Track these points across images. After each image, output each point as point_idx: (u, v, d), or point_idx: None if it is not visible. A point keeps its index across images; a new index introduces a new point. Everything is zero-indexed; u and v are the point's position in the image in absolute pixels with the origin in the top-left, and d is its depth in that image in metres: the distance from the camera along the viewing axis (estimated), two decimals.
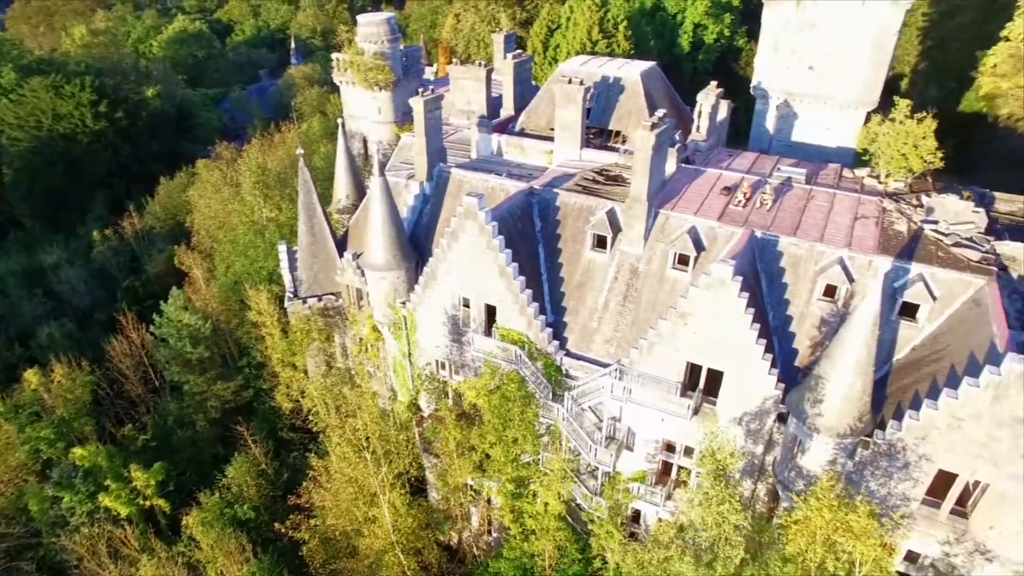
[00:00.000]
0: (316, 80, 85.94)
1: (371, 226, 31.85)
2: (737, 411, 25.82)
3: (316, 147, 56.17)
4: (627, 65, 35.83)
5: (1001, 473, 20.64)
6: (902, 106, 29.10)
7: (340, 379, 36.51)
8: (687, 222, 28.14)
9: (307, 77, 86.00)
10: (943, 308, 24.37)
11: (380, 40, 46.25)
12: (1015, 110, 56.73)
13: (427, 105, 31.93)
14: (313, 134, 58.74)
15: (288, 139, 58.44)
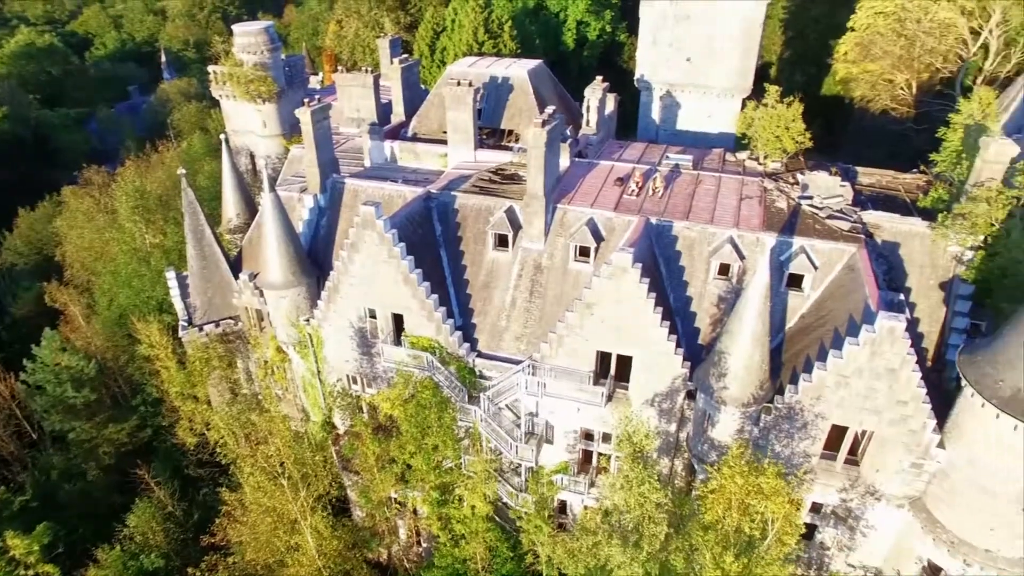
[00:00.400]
0: (193, 95, 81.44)
1: (266, 244, 30.56)
2: (649, 393, 26.67)
3: (199, 166, 53.30)
4: (515, 64, 36.24)
5: (882, 420, 22.44)
6: (772, 92, 31.01)
7: (247, 406, 34.85)
8: (585, 214, 28.78)
9: (183, 92, 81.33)
10: (824, 276, 26.20)
11: (259, 50, 44.42)
12: (866, 92, 61.51)
13: (315, 115, 30.98)
14: (195, 152, 55.67)
15: (168, 159, 55.05)
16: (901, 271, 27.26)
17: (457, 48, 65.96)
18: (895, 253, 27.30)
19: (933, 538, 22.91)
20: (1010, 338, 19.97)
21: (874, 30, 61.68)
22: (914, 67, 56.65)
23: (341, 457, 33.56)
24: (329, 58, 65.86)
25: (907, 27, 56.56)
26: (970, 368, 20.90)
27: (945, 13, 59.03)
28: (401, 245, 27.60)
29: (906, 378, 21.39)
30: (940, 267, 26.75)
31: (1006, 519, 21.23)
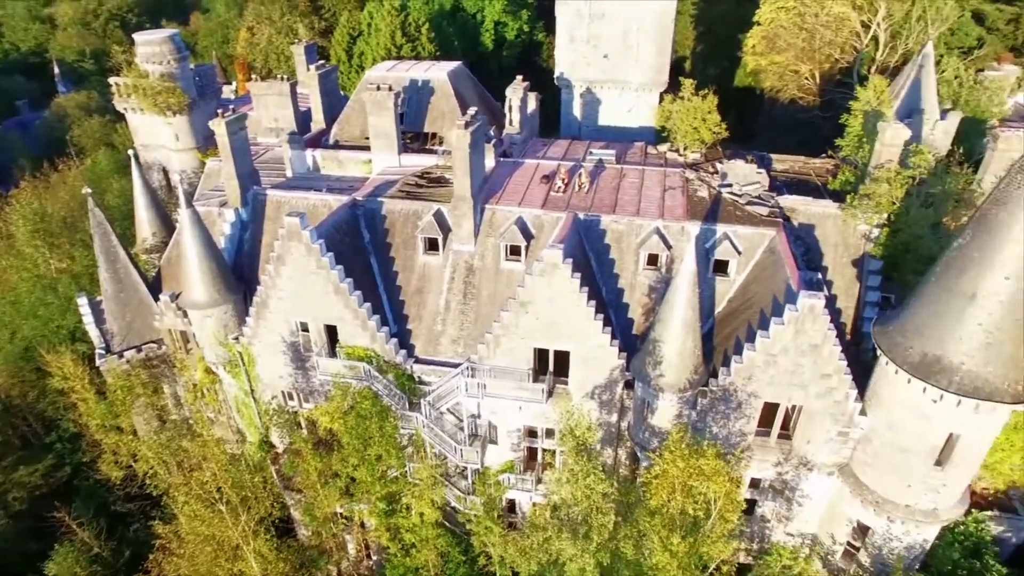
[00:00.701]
0: (94, 109, 76.87)
1: (187, 262, 29.28)
2: (588, 386, 27.02)
3: (107, 184, 50.42)
4: (434, 67, 36.03)
5: (809, 394, 23.53)
6: (687, 86, 32.02)
7: (177, 432, 33.24)
8: (513, 214, 28.90)
9: (82, 106, 76.50)
10: (747, 260, 27.22)
11: (165, 60, 42.46)
12: (775, 83, 64.41)
13: (230, 126, 29.88)
14: (101, 170, 52.51)
15: (70, 178, 51.62)
16: (817, 251, 28.63)
17: (375, 52, 65.09)
18: (811, 234, 28.64)
19: (861, 500, 24.19)
20: (915, 308, 21.27)
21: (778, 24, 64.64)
22: (816, 58, 59.66)
23: (282, 476, 32.53)
24: (242, 67, 63.67)
25: (807, 21, 59.53)
26: (883, 338, 22.16)
27: (839, 8, 62.45)
28: (329, 255, 26.97)
29: (828, 352, 22.48)
30: (852, 245, 28.24)
31: (920, 474, 22.63)
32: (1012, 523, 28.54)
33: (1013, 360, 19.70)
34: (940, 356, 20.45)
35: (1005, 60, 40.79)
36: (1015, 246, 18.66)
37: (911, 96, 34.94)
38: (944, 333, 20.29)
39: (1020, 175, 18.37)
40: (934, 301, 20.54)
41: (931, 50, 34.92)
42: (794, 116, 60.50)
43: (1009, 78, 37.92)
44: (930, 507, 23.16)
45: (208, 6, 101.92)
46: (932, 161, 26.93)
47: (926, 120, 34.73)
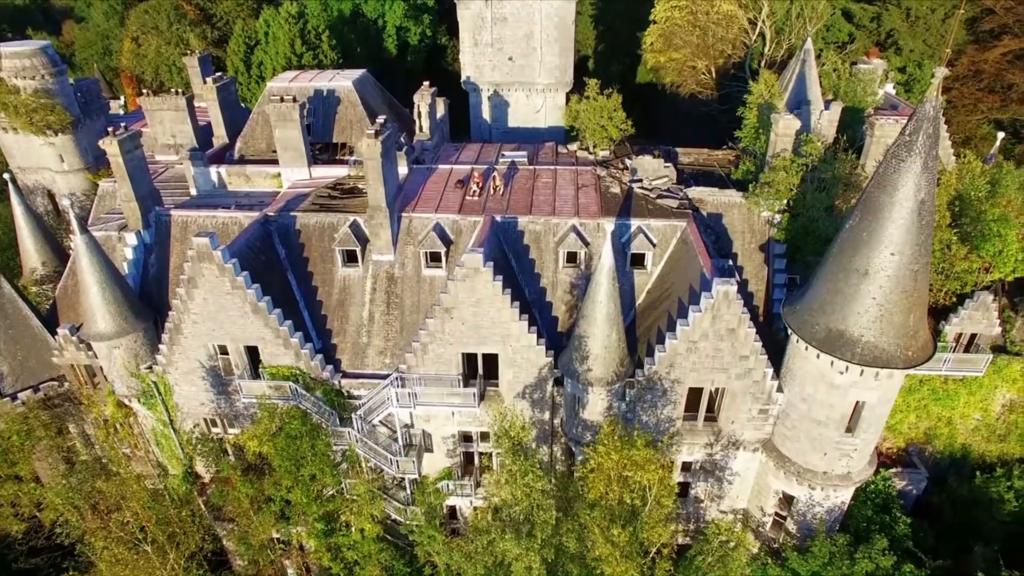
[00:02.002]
0: None
1: (87, 291, 27.39)
2: (519, 386, 27.29)
3: None
4: (338, 76, 35.31)
5: (730, 376, 24.75)
6: (592, 85, 32.87)
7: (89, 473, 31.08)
8: (430, 220, 28.80)
9: None
10: (662, 252, 28.27)
11: (38, 74, 39.28)
12: (674, 79, 67.05)
13: (123, 145, 28.21)
14: None
15: None
16: (727, 238, 30.09)
17: (275, 62, 62.99)
18: (719, 223, 30.07)
19: (784, 472, 25.66)
20: (818, 287, 22.78)
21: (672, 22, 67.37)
22: (710, 54, 62.56)
23: (211, 507, 31.06)
24: (129, 80, 60.12)
25: (699, 19, 62.35)
26: (792, 317, 23.59)
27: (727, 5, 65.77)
28: (245, 274, 25.98)
29: (744, 335, 23.71)
30: (757, 231, 29.86)
31: (833, 442, 24.27)
32: (912, 477, 31.08)
33: (903, 328, 21.44)
34: (843, 330, 21.98)
35: (873, 55, 44.07)
36: (897, 224, 20.31)
37: (798, 88, 37.25)
38: (844, 308, 21.83)
39: (894, 160, 20.00)
40: (833, 279, 22.06)
41: (811, 46, 37.36)
42: (695, 109, 63.19)
43: (878, 70, 41.14)
44: (844, 471, 24.86)
45: (82, 14, 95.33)
46: (821, 148, 28.77)
47: (813, 110, 37.10)
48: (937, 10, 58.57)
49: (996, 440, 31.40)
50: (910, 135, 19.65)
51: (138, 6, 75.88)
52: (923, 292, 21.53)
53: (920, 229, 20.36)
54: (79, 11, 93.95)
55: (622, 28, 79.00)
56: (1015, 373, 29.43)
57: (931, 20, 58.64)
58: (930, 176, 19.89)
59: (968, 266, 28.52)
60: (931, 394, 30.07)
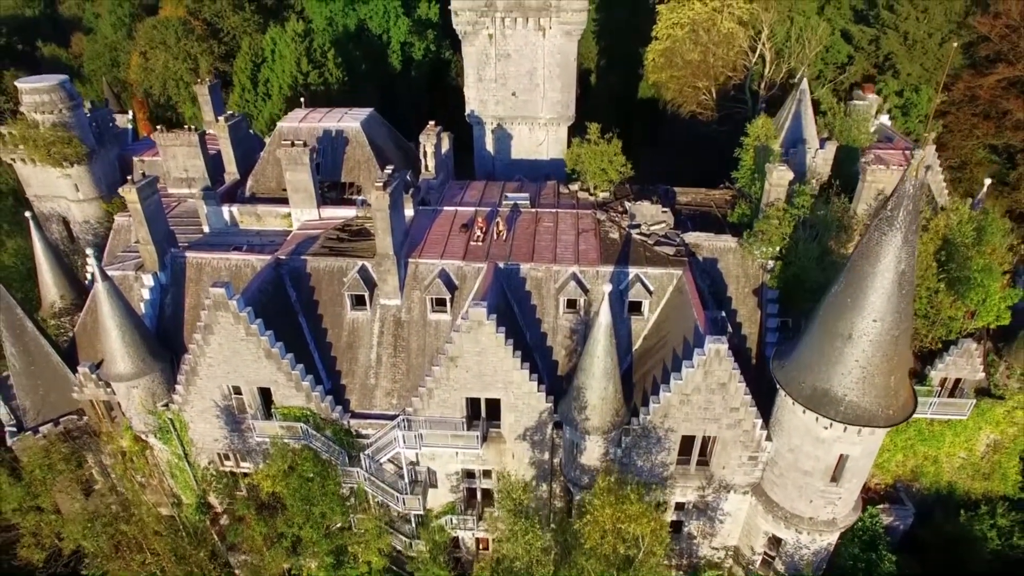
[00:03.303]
0: None
1: (107, 335, 28.62)
2: (520, 429, 28.49)
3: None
4: (347, 115, 36.34)
5: (721, 426, 25.93)
6: (593, 129, 33.98)
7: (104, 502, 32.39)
8: (436, 266, 29.93)
9: None
10: (658, 300, 29.39)
11: (56, 108, 40.41)
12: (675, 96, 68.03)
13: (142, 192, 29.34)
14: None
15: None
16: (722, 282, 31.22)
17: (281, 80, 64.05)
18: (715, 267, 31.19)
19: (772, 516, 26.87)
20: (804, 345, 23.92)
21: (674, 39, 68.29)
22: (711, 74, 63.47)
23: (223, 537, 32.36)
24: (140, 104, 61.03)
25: (701, 36, 63.25)
26: (780, 372, 24.74)
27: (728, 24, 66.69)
28: (259, 321, 27.17)
29: (735, 389, 24.86)
30: (752, 276, 30.97)
31: (819, 490, 25.48)
32: (899, 512, 32.28)
33: (884, 389, 22.58)
34: (828, 389, 23.13)
35: (868, 90, 45.06)
36: (878, 293, 21.42)
37: (793, 127, 38.23)
38: (829, 369, 22.97)
39: (877, 233, 21.08)
40: (819, 341, 23.18)
41: (807, 86, 38.29)
42: (694, 130, 64.12)
43: (872, 107, 42.16)
44: (830, 518, 26.07)
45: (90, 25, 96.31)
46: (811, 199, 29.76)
47: (808, 149, 38.09)
48: (934, 35, 59.39)
49: (980, 478, 32.56)
50: (891, 210, 20.71)
51: (146, 21, 76.82)
52: (904, 354, 22.66)
53: (901, 298, 21.45)
54: (87, 22, 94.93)
55: (624, 43, 79.77)
56: (998, 416, 30.56)
57: (928, 44, 59.47)
58: (910, 249, 20.97)
59: (954, 313, 29.60)
60: (917, 435, 31.21)
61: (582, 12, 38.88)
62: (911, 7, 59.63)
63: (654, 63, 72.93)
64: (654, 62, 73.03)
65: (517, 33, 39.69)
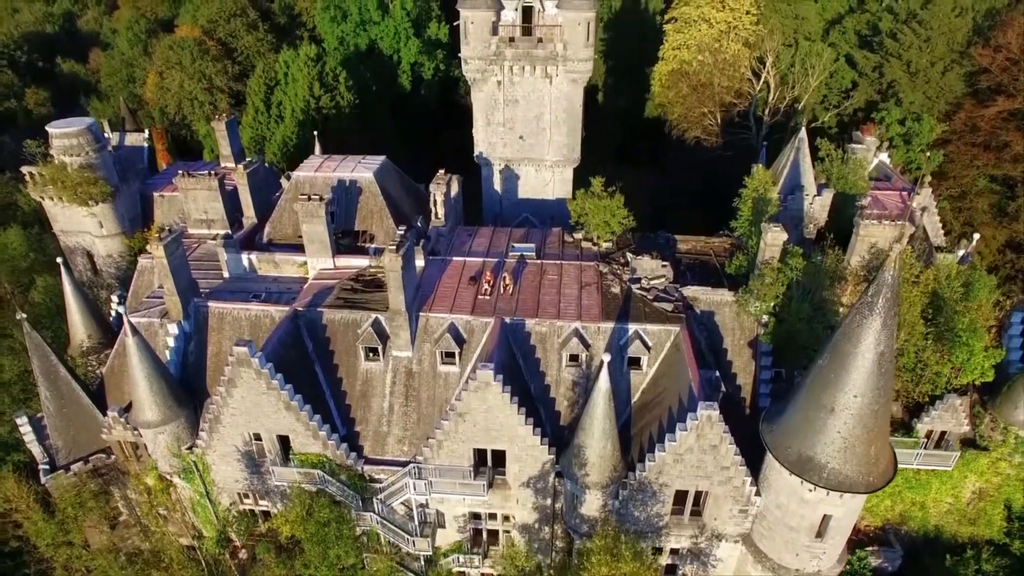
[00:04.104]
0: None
1: (136, 385, 30.42)
2: (524, 477, 30.15)
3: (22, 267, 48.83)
4: (360, 165, 37.80)
5: (713, 482, 27.46)
6: (597, 184, 35.40)
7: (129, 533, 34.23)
8: (445, 320, 31.52)
9: None
10: (656, 355, 30.88)
11: (84, 151, 42.18)
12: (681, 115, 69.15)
13: (168, 249, 31.02)
14: (14, 251, 50.67)
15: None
16: (718, 334, 32.70)
17: (294, 104, 65.58)
18: (712, 320, 32.67)
19: (761, 565, 28.43)
20: (791, 412, 25.40)
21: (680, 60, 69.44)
22: (716, 99, 64.60)
23: (242, 571, 34.22)
24: (159, 135, 62.77)
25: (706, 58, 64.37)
26: (769, 435, 26.24)
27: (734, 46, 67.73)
28: (279, 376, 28.86)
29: (725, 450, 26.37)
30: (747, 328, 32.41)
31: (804, 545, 27.02)
32: (887, 555, 33.77)
33: (865, 457, 24.06)
34: (812, 456, 24.61)
35: (867, 131, 46.16)
36: (859, 372, 22.85)
37: (792, 175, 39.49)
38: (813, 438, 24.45)
39: (858, 316, 22.50)
40: (804, 410, 24.67)
41: (804, 134, 39.50)
42: (699, 154, 65.22)
43: (870, 149, 43.33)
44: (815, 570, 27.60)
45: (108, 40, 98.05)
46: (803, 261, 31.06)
47: (806, 195, 39.40)
48: (937, 64, 60.15)
49: (967, 523, 33.94)
50: (872, 297, 22.12)
51: (163, 41, 78.42)
52: (884, 426, 24.12)
53: (880, 376, 22.89)
54: (105, 37, 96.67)
55: (631, 63, 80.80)
56: (982, 466, 31.93)
57: (931, 73, 60.22)
58: (889, 332, 22.39)
59: (940, 369, 30.94)
60: (905, 483, 32.63)
61: (588, 62, 40.16)
62: (914, 36, 60.36)
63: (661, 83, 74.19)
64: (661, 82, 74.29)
65: (525, 80, 41.04)
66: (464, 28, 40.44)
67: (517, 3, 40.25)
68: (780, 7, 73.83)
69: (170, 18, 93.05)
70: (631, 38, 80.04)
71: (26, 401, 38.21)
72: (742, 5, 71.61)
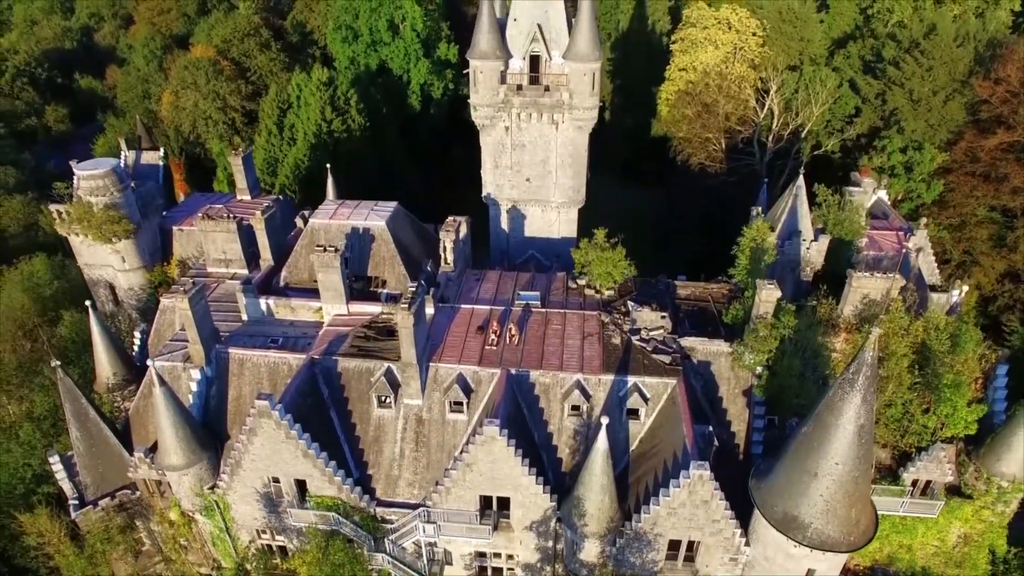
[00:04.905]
0: (13, 187, 71.06)
1: (162, 432, 32.21)
2: (527, 521, 31.88)
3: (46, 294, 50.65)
4: (373, 212, 39.35)
5: (704, 533, 29.10)
6: (600, 235, 36.93)
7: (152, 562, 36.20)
8: (454, 371, 33.21)
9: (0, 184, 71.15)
10: (654, 407, 32.45)
11: (109, 192, 44.00)
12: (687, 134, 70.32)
13: (192, 301, 32.78)
14: (40, 279, 52.63)
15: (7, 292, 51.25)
16: (714, 383, 34.25)
17: (306, 127, 67.03)
18: (708, 370, 34.21)
19: None
20: (778, 472, 26.97)
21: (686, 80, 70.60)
22: (720, 126, 65.76)
23: None
24: (177, 166, 64.57)
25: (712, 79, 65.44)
26: (757, 493, 27.83)
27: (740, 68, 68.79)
28: (297, 426, 30.65)
29: (716, 505, 27.99)
30: (742, 378, 33.91)
31: None
32: None
33: (846, 519, 25.64)
34: (796, 516, 26.19)
35: (865, 173, 47.31)
36: (841, 442, 24.38)
37: (790, 221, 40.79)
38: (798, 499, 26.02)
39: (840, 391, 24.01)
40: (789, 472, 26.23)
41: (802, 182, 40.78)
42: (703, 180, 66.34)
43: (868, 191, 44.55)
44: None
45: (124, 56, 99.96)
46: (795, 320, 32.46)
47: (803, 241, 40.72)
48: (939, 92, 60.97)
49: (953, 566, 35.38)
50: (852, 374, 23.64)
51: (178, 61, 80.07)
52: (864, 489, 25.67)
53: (860, 446, 24.42)
54: (121, 52, 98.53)
55: (638, 82, 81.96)
56: (967, 514, 33.35)
57: (932, 102, 61.05)
58: (868, 407, 23.94)
59: (926, 422, 32.35)
60: (892, 527, 34.08)
61: (593, 110, 41.51)
62: (916, 65, 61.23)
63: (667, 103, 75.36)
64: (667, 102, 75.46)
65: (532, 126, 42.46)
66: (473, 77, 41.87)
67: (525, 52, 41.63)
68: (786, 29, 74.83)
69: (185, 35, 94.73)
70: (638, 58, 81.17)
71: (56, 436, 40.13)
72: (748, 27, 72.71)
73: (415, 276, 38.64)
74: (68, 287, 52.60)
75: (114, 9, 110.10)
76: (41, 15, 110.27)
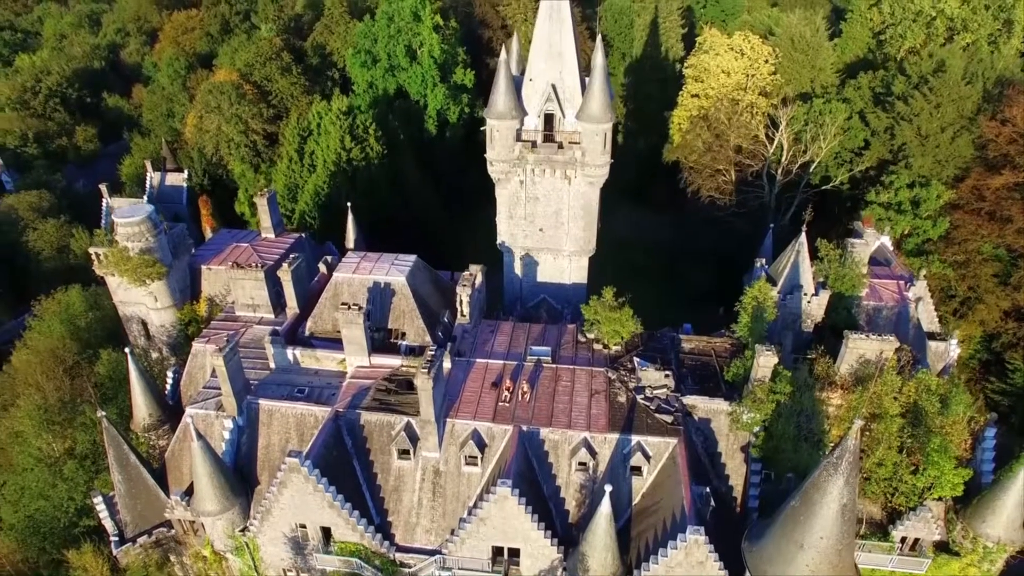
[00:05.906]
0: (47, 210, 73.04)
1: (198, 480, 34.79)
2: (535, 570, 34.17)
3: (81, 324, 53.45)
4: (393, 267, 41.42)
5: None
6: (608, 293, 38.88)
7: None
8: (469, 426, 35.48)
9: (35, 207, 72.52)
10: (656, 464, 34.55)
11: (144, 237, 46.49)
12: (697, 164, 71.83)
13: (227, 358, 35.22)
14: (75, 310, 55.27)
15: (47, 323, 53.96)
16: (713, 439, 36.28)
17: (326, 155, 69.04)
18: (708, 426, 36.24)
19: None
20: (768, 539, 29.03)
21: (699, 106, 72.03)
22: (730, 159, 67.21)
23: None
24: (205, 202, 67.10)
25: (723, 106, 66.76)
26: (749, 555, 29.93)
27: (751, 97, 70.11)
28: (324, 480, 33.12)
29: (711, 566, 30.09)
30: (740, 435, 35.90)
31: None
32: None
33: None
34: None
35: (867, 223, 48.78)
36: (825, 519, 26.39)
37: (791, 275, 42.50)
38: (785, 567, 28.07)
39: (825, 473, 25.99)
40: (778, 541, 28.30)
41: (804, 238, 42.44)
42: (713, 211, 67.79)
43: (869, 241, 46.07)
44: None
45: (149, 74, 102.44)
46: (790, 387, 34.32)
47: (804, 295, 42.45)
48: (947, 129, 61.93)
49: None
50: (837, 459, 25.63)
51: (203, 85, 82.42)
52: (848, 561, 27.66)
53: (843, 523, 26.44)
54: (147, 70, 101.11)
55: (650, 107, 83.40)
56: (954, 570, 35.17)
57: (940, 138, 62.01)
58: (851, 489, 25.96)
59: (915, 482, 34.17)
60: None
61: (604, 167, 43.34)
62: (924, 102, 62.21)
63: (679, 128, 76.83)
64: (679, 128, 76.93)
65: (545, 180, 44.40)
66: (490, 134, 43.82)
67: (540, 111, 43.51)
68: (798, 57, 75.76)
69: (208, 54, 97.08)
70: (651, 84, 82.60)
71: (96, 472, 42.89)
72: (760, 54, 73.81)
73: (433, 327, 41.01)
74: (101, 316, 55.24)
75: (139, 23, 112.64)
76: (70, 30, 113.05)
